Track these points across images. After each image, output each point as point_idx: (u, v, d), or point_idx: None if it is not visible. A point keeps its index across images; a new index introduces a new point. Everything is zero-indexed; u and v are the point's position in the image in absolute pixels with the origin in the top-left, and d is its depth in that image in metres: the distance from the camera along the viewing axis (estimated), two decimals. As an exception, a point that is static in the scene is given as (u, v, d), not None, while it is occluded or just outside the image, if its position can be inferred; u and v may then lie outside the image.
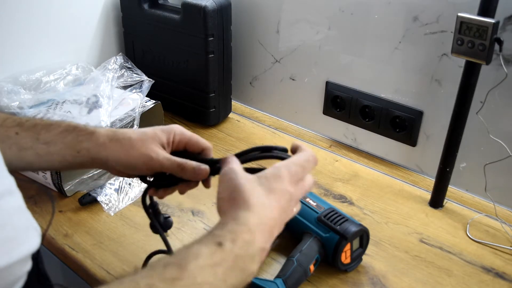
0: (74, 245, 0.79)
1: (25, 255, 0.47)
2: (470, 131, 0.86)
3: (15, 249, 0.45)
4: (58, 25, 1.09)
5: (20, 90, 0.97)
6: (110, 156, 0.61)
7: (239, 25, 1.15)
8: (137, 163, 0.61)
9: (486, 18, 0.73)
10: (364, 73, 1.01)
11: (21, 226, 0.47)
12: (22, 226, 0.47)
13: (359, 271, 0.76)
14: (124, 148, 0.61)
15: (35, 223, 0.50)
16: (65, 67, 1.07)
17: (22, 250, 0.46)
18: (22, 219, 0.48)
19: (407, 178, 0.99)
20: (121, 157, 0.61)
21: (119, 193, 0.90)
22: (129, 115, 0.97)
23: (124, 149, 0.60)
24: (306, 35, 1.06)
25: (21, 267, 0.47)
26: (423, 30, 0.89)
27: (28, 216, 0.49)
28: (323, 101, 1.09)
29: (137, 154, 0.60)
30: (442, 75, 0.90)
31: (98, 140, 0.61)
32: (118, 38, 1.23)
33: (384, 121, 1.00)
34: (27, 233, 0.47)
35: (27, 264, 0.48)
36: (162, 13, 1.10)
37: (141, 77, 1.06)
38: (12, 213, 0.46)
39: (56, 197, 0.90)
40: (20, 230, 0.46)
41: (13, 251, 0.45)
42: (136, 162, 0.61)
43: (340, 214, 0.75)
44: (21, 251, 0.46)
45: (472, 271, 0.76)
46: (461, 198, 0.93)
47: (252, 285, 0.70)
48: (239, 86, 1.23)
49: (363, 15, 0.96)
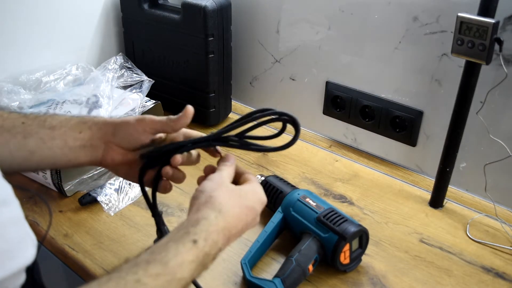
0: (74, 245, 0.79)
1: (18, 269, 0.46)
2: (470, 131, 0.86)
3: (8, 263, 0.44)
4: (58, 25, 1.09)
5: (20, 90, 0.97)
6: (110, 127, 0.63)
7: (239, 25, 1.15)
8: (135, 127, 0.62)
9: (486, 18, 0.73)
10: (364, 73, 1.01)
11: (15, 239, 0.46)
12: (16, 238, 0.46)
13: (359, 271, 0.76)
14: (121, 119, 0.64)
15: (31, 233, 0.49)
16: (65, 67, 1.07)
17: (15, 263, 0.45)
18: (16, 231, 0.47)
19: (407, 178, 0.99)
20: (118, 123, 0.63)
21: (119, 193, 0.90)
22: (129, 115, 0.97)
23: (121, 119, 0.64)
24: (306, 35, 1.06)
25: (14, 281, 0.46)
26: (423, 30, 0.89)
27: (24, 226, 0.48)
28: (323, 101, 1.09)
29: (133, 118, 0.63)
30: (442, 75, 0.90)
31: (100, 118, 0.65)
32: (118, 38, 1.23)
33: (384, 121, 1.00)
34: (22, 245, 0.46)
35: (21, 278, 0.47)
36: (162, 13, 1.10)
37: (141, 77, 1.06)
38: (6, 225, 0.45)
39: (56, 197, 0.90)
40: (14, 242, 0.45)
41: (5, 265, 0.44)
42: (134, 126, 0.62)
43: (340, 214, 0.75)
44: (14, 264, 0.45)
45: (472, 271, 0.76)
46: (461, 198, 0.93)
47: (251, 284, 0.70)
48: (239, 86, 1.23)
49: (363, 15, 0.96)
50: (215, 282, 0.73)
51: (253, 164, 1.02)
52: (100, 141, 0.64)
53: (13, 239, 0.46)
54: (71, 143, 0.63)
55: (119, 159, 0.64)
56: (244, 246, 0.78)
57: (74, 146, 0.63)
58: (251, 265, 0.73)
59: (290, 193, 0.81)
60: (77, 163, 0.65)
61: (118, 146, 0.64)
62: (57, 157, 0.63)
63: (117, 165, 0.65)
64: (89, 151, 0.64)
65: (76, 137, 0.63)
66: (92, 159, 0.64)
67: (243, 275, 0.72)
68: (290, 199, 0.79)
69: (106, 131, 0.63)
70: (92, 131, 0.63)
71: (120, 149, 0.64)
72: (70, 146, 0.63)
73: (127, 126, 0.63)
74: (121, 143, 0.64)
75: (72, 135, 0.63)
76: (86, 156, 0.64)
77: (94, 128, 0.64)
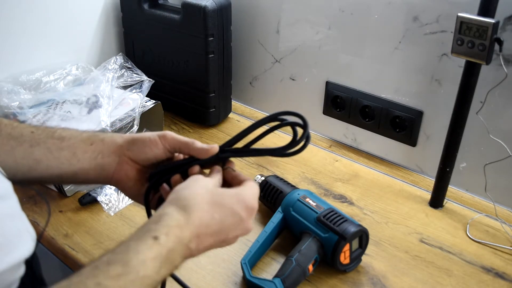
0: (74, 245, 0.79)
1: (17, 262, 0.46)
2: (470, 131, 0.86)
3: (5, 256, 0.44)
4: (58, 25, 1.09)
5: (20, 90, 0.97)
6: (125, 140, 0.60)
7: (239, 25, 1.15)
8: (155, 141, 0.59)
9: (486, 18, 0.73)
10: (364, 73, 1.01)
11: (13, 232, 0.46)
12: (14, 232, 0.46)
13: (359, 271, 0.76)
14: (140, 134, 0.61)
15: (30, 228, 0.49)
16: (65, 67, 1.07)
17: (13, 256, 0.45)
18: (14, 225, 0.47)
19: (407, 178, 0.99)
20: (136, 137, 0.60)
21: (119, 193, 0.90)
22: (129, 115, 0.97)
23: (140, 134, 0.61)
24: (306, 35, 1.06)
25: (13, 273, 0.46)
26: (423, 30, 0.89)
27: (23, 221, 0.48)
28: (323, 101, 1.09)
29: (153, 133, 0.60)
30: (442, 75, 0.90)
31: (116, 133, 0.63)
32: (118, 38, 1.23)
33: (384, 121, 1.00)
34: (20, 239, 0.47)
35: (19, 270, 0.47)
36: (162, 13, 1.10)
37: (141, 77, 1.06)
38: (3, 219, 0.45)
39: (56, 197, 0.90)
40: (12, 236, 0.46)
41: (3, 258, 0.44)
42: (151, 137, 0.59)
43: (340, 214, 0.75)
44: (12, 257, 0.45)
45: (472, 271, 0.76)
46: (461, 198, 0.93)
47: (251, 284, 0.70)
48: (239, 86, 1.23)
49: (363, 15, 0.96)
50: (215, 282, 0.73)
51: (253, 164, 1.02)
52: (113, 154, 0.60)
53: (10, 232, 0.46)
54: (80, 155, 0.59)
55: (133, 174, 0.60)
56: (244, 246, 0.78)
57: (83, 158, 0.59)
58: (251, 265, 0.73)
59: (290, 193, 0.81)
60: (85, 177, 0.61)
61: (132, 161, 0.60)
62: (64, 168, 0.59)
63: (129, 182, 0.61)
64: (100, 165, 0.60)
65: (86, 149, 0.59)
66: (102, 173, 0.61)
67: (243, 275, 0.72)
68: (290, 199, 0.79)
69: (121, 144, 0.60)
70: (104, 143, 0.60)
71: (135, 164, 0.60)
72: (78, 158, 0.59)
73: (145, 140, 0.59)
74: (136, 157, 0.60)
75: (82, 146, 0.59)
76: (95, 170, 0.60)
77: (108, 140, 0.60)
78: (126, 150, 0.60)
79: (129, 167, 0.60)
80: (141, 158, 0.60)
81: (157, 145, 0.59)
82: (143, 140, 0.59)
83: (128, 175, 0.60)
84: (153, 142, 0.59)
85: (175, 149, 0.59)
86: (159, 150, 0.59)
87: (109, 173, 0.61)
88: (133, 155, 0.60)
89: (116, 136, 0.61)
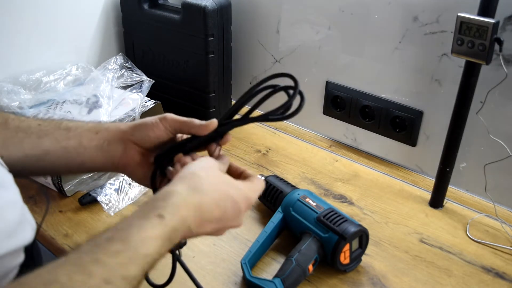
0: (74, 245, 0.79)
1: (16, 248, 0.47)
2: (470, 131, 0.86)
3: (5, 241, 0.45)
4: (58, 25, 1.09)
5: (20, 90, 0.97)
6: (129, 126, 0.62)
7: (239, 25, 1.15)
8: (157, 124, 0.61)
9: (486, 18, 0.73)
10: (364, 73, 1.01)
11: (13, 220, 0.47)
12: (15, 220, 0.47)
13: (359, 271, 0.76)
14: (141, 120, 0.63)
15: (30, 218, 0.50)
16: (65, 67, 1.07)
17: (12, 242, 0.46)
18: (14, 213, 0.48)
19: (407, 178, 0.99)
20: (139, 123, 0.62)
21: (119, 193, 0.90)
22: (129, 115, 0.97)
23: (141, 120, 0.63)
24: (306, 35, 1.06)
25: (12, 259, 0.47)
26: (423, 30, 0.89)
27: (23, 211, 0.49)
28: (323, 101, 1.09)
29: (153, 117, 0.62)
30: (442, 75, 0.90)
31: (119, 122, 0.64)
32: (118, 38, 1.23)
33: (384, 121, 1.00)
34: (20, 227, 0.48)
35: (19, 257, 0.48)
36: (162, 13, 1.10)
37: (141, 77, 1.06)
38: (3, 207, 0.46)
39: (56, 197, 0.90)
40: (12, 223, 0.46)
41: (3, 243, 0.45)
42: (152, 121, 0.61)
43: (340, 214, 0.75)
44: (12, 243, 0.46)
45: (472, 271, 0.76)
46: (461, 198, 0.93)
47: (251, 284, 0.70)
48: (239, 86, 1.23)
49: (363, 15, 0.96)
50: (215, 282, 0.73)
51: (253, 164, 1.02)
52: (118, 141, 0.62)
53: (11, 219, 0.47)
54: (86, 143, 0.61)
55: (138, 158, 0.62)
56: (244, 246, 0.78)
57: (89, 146, 0.61)
58: (251, 265, 0.73)
59: (290, 193, 0.81)
60: (92, 165, 0.63)
61: (137, 145, 0.62)
62: (71, 157, 0.61)
63: (136, 166, 0.63)
64: (106, 151, 0.62)
65: (92, 138, 0.62)
66: (108, 160, 0.63)
67: (243, 275, 0.72)
68: (290, 199, 0.79)
69: (126, 131, 0.62)
70: (109, 131, 0.62)
71: (140, 148, 0.62)
72: (85, 146, 0.61)
73: (147, 124, 0.62)
74: (140, 141, 0.62)
75: (88, 135, 0.62)
76: (102, 157, 0.62)
77: (112, 128, 0.63)
78: (130, 135, 0.62)
79: (134, 152, 0.62)
80: (145, 142, 0.62)
81: (158, 127, 0.61)
82: (145, 124, 0.61)
83: (134, 160, 0.62)
84: (155, 124, 0.61)
85: (176, 130, 0.61)
86: (161, 132, 0.61)
87: (115, 160, 0.62)
88: (137, 139, 0.62)
89: (120, 124, 0.64)
